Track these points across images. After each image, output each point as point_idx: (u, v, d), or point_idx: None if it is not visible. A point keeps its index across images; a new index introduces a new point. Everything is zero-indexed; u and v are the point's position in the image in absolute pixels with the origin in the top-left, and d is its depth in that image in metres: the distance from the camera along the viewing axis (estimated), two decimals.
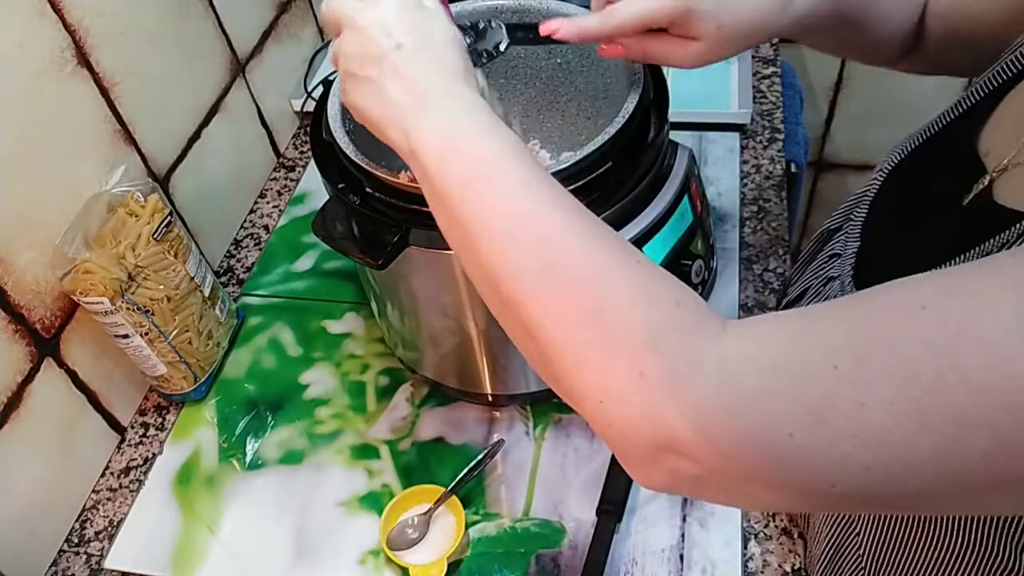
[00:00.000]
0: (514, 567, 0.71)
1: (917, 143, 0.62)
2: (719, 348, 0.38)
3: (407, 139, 0.48)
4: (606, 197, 0.63)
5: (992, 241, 0.47)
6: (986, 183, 0.52)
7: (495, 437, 0.79)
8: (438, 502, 0.73)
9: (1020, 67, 0.57)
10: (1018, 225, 0.46)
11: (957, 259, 0.49)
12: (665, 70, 0.71)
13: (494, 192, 0.44)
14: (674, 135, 0.69)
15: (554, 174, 0.60)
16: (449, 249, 0.63)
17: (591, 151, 0.62)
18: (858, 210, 0.64)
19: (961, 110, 0.59)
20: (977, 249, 0.48)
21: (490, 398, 0.81)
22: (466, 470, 0.75)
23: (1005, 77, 0.57)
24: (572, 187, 0.61)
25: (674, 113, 0.68)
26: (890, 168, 0.64)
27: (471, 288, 0.69)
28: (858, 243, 0.62)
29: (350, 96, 0.52)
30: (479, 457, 0.76)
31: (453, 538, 0.72)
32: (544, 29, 0.60)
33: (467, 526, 0.73)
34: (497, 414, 0.82)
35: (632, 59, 0.62)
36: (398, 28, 0.50)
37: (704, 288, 0.73)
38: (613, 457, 0.75)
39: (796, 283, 0.70)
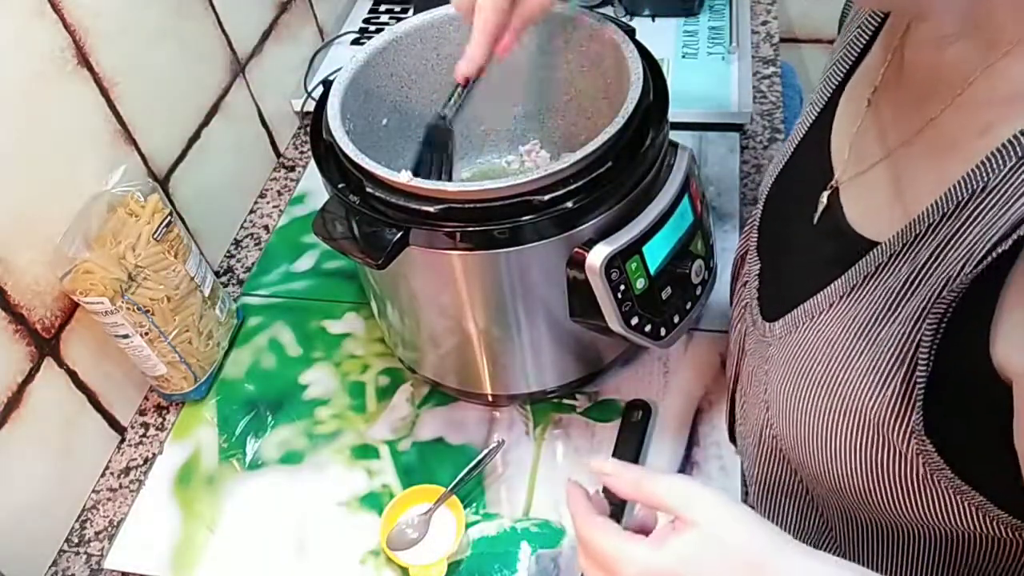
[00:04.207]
0: (514, 567, 0.71)
1: (791, 150, 0.60)
2: None
3: None
4: (606, 197, 0.63)
5: (854, 270, 0.47)
6: (825, 202, 0.50)
7: (495, 437, 0.79)
8: (438, 502, 0.73)
9: (859, 51, 0.53)
10: (871, 253, 0.45)
11: (830, 286, 0.48)
12: (665, 70, 0.71)
13: None
14: (674, 135, 0.69)
15: (554, 174, 0.61)
16: (449, 249, 0.65)
17: (591, 151, 0.62)
18: (753, 232, 0.63)
19: (821, 105, 0.56)
20: (843, 280, 0.47)
21: (490, 398, 0.81)
22: (466, 470, 0.75)
23: (847, 66, 0.53)
24: (572, 187, 0.61)
25: (674, 113, 0.68)
26: (772, 180, 0.61)
27: (471, 288, 0.69)
28: (759, 264, 0.61)
29: None
30: (479, 457, 0.76)
31: (453, 538, 0.72)
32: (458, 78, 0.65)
33: (467, 526, 0.73)
34: (497, 414, 0.82)
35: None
36: None
37: (704, 288, 0.73)
38: (613, 456, 0.75)
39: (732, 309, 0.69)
